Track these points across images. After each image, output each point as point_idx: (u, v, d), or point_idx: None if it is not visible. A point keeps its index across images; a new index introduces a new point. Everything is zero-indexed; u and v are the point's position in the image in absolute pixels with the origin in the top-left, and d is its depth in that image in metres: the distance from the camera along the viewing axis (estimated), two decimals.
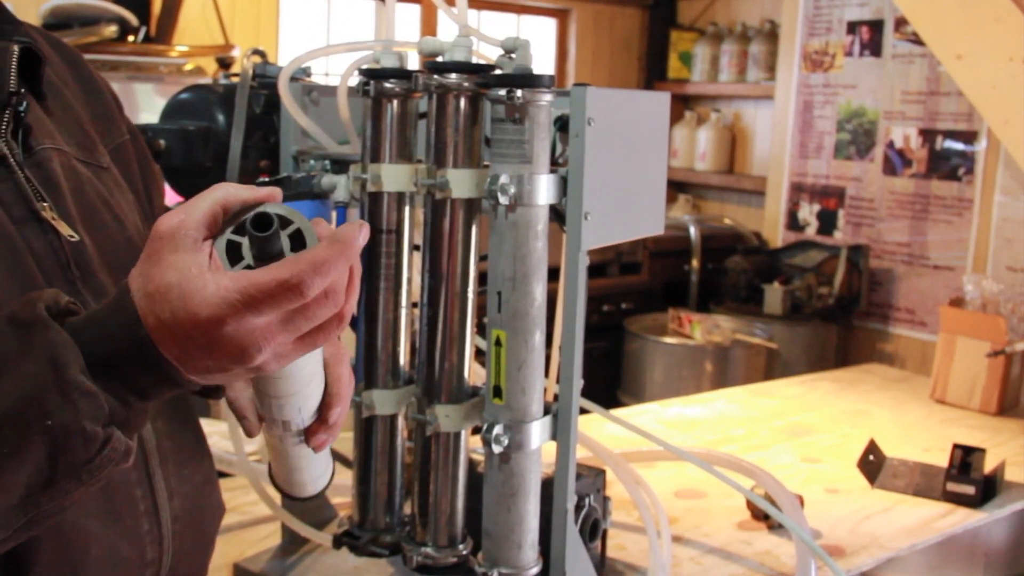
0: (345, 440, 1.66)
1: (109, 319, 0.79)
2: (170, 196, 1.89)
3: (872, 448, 2.19)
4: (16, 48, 1.01)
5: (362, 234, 0.81)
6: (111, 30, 3.52)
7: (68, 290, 0.93)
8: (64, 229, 0.97)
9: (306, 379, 0.97)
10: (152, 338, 0.77)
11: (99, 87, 1.20)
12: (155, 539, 1.01)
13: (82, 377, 0.76)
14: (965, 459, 2.07)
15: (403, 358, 1.45)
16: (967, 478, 2.02)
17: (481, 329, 1.36)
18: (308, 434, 1.04)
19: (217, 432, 2.64)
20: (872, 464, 2.15)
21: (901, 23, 3.98)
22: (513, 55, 1.27)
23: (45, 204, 0.97)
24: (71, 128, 1.09)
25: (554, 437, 1.34)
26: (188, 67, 3.71)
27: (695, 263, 4.38)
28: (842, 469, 2.18)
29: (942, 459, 2.13)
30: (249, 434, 1.07)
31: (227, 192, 0.82)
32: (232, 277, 0.76)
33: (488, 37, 1.30)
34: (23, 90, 1.01)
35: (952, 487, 2.02)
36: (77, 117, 1.12)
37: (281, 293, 0.76)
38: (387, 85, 1.35)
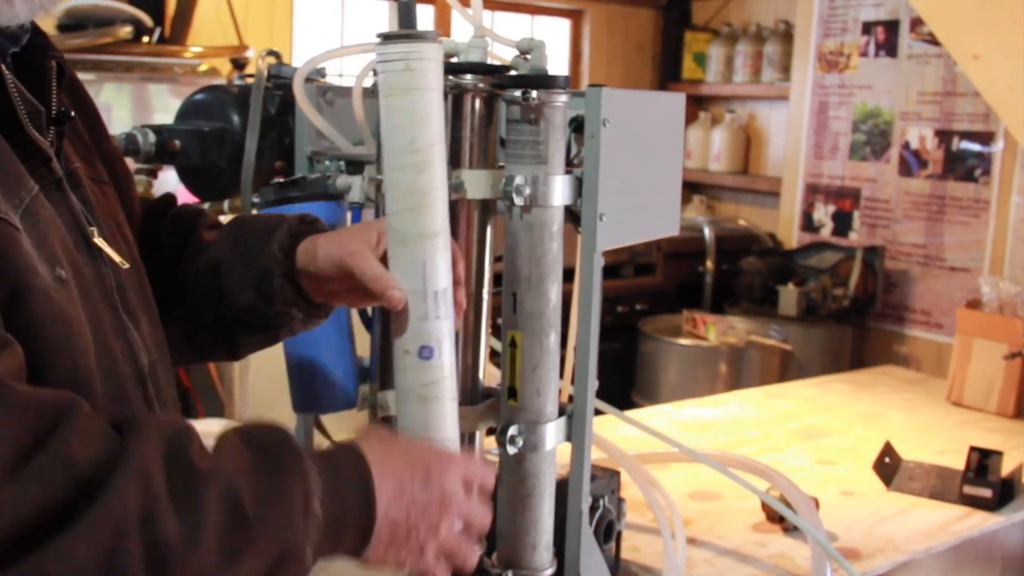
0: None
1: (346, 483, 0.93)
2: (184, 195, 1.89)
3: (888, 450, 2.18)
4: (55, 65, 1.02)
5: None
6: (126, 31, 3.53)
7: (117, 321, 0.98)
8: (115, 255, 1.00)
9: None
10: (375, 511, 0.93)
11: (84, 92, 1.18)
12: None
13: (319, 509, 0.88)
14: (982, 462, 2.06)
15: None
16: (984, 481, 2.01)
17: (496, 330, 1.35)
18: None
19: None
20: (888, 466, 2.14)
21: (917, 23, 3.96)
22: (528, 56, 1.27)
23: (93, 229, 0.99)
24: (76, 142, 1.09)
25: (569, 438, 1.34)
26: (202, 68, 3.72)
27: (709, 264, 4.37)
28: (857, 471, 2.17)
29: (958, 462, 2.11)
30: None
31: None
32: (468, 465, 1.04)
33: (503, 38, 1.30)
34: (63, 108, 1.01)
35: (969, 490, 2.01)
36: (78, 128, 1.11)
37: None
38: None
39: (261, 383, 1.89)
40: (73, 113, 1.04)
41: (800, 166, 4.50)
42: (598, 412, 1.43)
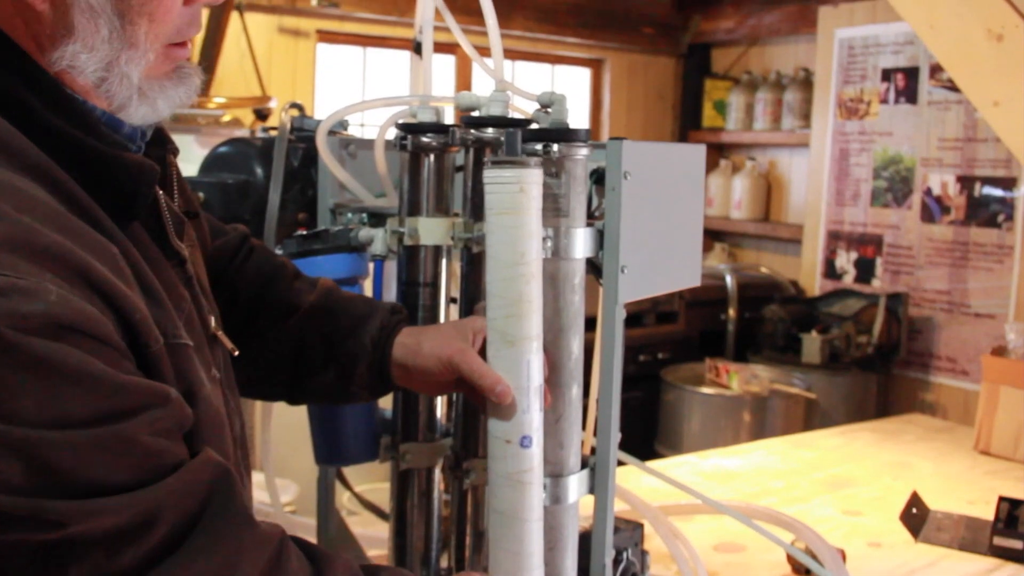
0: (381, 492, 1.65)
1: None
2: None
3: (915, 501, 2.15)
4: (174, 159, 1.06)
5: None
6: None
7: (226, 397, 1.04)
8: (227, 343, 1.06)
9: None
10: None
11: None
12: None
13: None
14: (1012, 512, 2.03)
15: (440, 411, 1.44)
16: (1015, 532, 1.98)
17: None
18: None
19: (253, 482, 2.64)
20: (915, 517, 2.11)
21: (936, 70, 3.97)
22: (549, 110, 1.27)
23: (212, 318, 1.04)
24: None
25: (592, 491, 1.33)
26: (226, 118, 3.76)
27: (732, 312, 4.35)
28: (884, 522, 2.14)
29: (988, 512, 2.08)
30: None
31: None
32: None
33: (524, 92, 1.31)
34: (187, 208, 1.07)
35: (999, 541, 1.98)
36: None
37: None
38: (424, 139, 1.36)
39: (283, 433, 1.89)
40: (198, 212, 1.12)
41: (822, 213, 4.50)
42: (621, 463, 1.42)
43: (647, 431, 3.93)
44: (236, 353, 1.08)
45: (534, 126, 1.28)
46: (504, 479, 1.18)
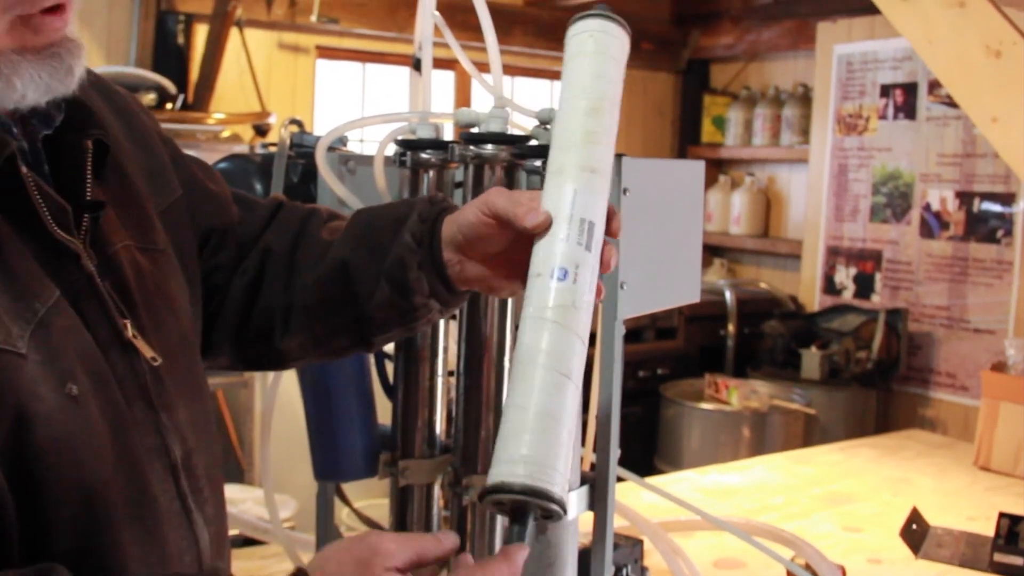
0: (380, 508, 1.65)
1: None
2: None
3: (915, 517, 2.14)
4: (91, 145, 0.96)
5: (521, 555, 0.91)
6: (150, 98, 3.60)
7: (148, 416, 0.94)
8: (146, 351, 0.95)
9: None
10: None
11: (151, 139, 1.12)
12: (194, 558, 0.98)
13: None
14: (1012, 528, 2.02)
15: (439, 427, 1.44)
16: (1015, 548, 1.97)
17: None
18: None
19: (252, 498, 2.64)
20: (915, 533, 2.11)
21: (935, 86, 3.98)
22: (548, 126, 1.27)
23: (127, 322, 0.94)
24: (130, 207, 1.03)
25: (591, 507, 1.33)
26: (225, 134, 3.77)
27: (731, 328, 4.36)
28: (884, 538, 2.14)
29: (988, 528, 2.08)
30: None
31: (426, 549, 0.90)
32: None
33: (523, 108, 1.31)
34: (99, 196, 0.96)
35: (1000, 557, 1.97)
36: (133, 189, 1.05)
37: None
38: (424, 156, 1.36)
39: (282, 449, 1.88)
40: (112, 203, 0.99)
41: (821, 229, 4.50)
42: (620, 479, 1.42)
43: (647, 447, 3.92)
44: (157, 363, 0.95)
45: (533, 142, 1.28)
46: (529, 321, 0.94)
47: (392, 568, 0.86)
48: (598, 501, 1.32)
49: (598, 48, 1.05)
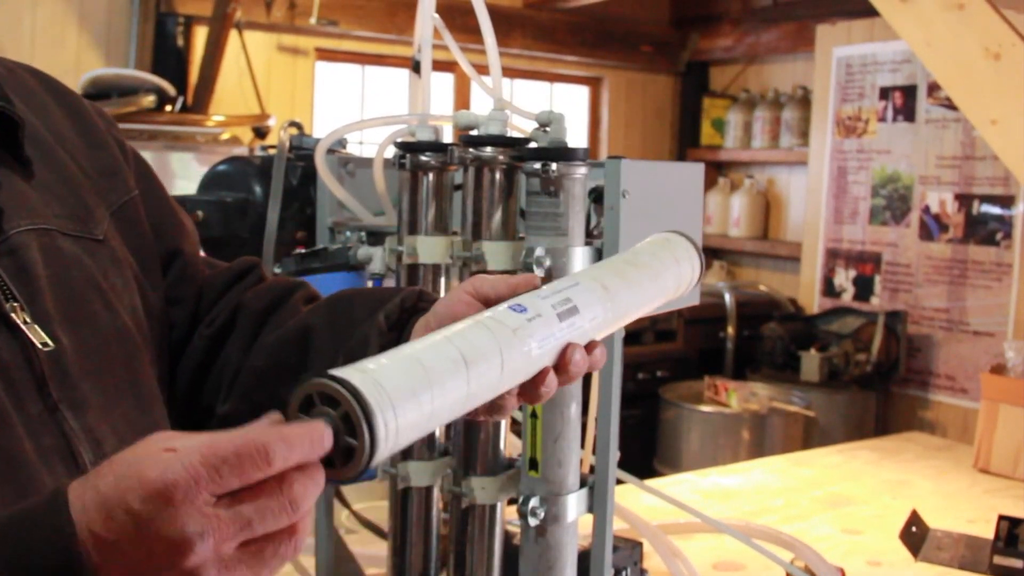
0: (380, 510, 1.65)
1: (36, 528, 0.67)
2: None
3: (915, 519, 2.14)
4: None
5: (324, 441, 0.68)
6: (149, 100, 3.60)
7: (43, 407, 0.85)
8: (37, 336, 0.86)
9: None
10: (79, 539, 0.65)
11: (102, 138, 1.07)
12: None
13: None
14: (1012, 531, 2.02)
15: (438, 430, 1.44)
16: (1015, 551, 1.97)
17: None
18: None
19: None
20: (915, 536, 2.11)
21: (934, 88, 3.98)
22: (547, 128, 1.28)
23: (16, 304, 0.86)
24: (61, 194, 0.97)
25: (591, 509, 1.33)
26: (224, 136, 3.77)
27: (730, 330, 4.36)
28: (884, 541, 2.14)
29: (987, 531, 2.08)
30: None
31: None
32: (192, 440, 0.66)
33: (523, 111, 1.31)
34: None
35: (1000, 560, 1.97)
36: (71, 178, 0.99)
37: (244, 454, 0.64)
38: (423, 158, 1.36)
39: None
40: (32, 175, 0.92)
41: (820, 231, 4.51)
42: (619, 481, 1.42)
43: (646, 449, 3.92)
44: (47, 348, 0.86)
45: (532, 145, 1.28)
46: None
47: (169, 448, 0.66)
48: (597, 503, 1.32)
49: (675, 257, 1.03)
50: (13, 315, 0.85)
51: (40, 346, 0.86)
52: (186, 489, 0.63)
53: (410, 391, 0.72)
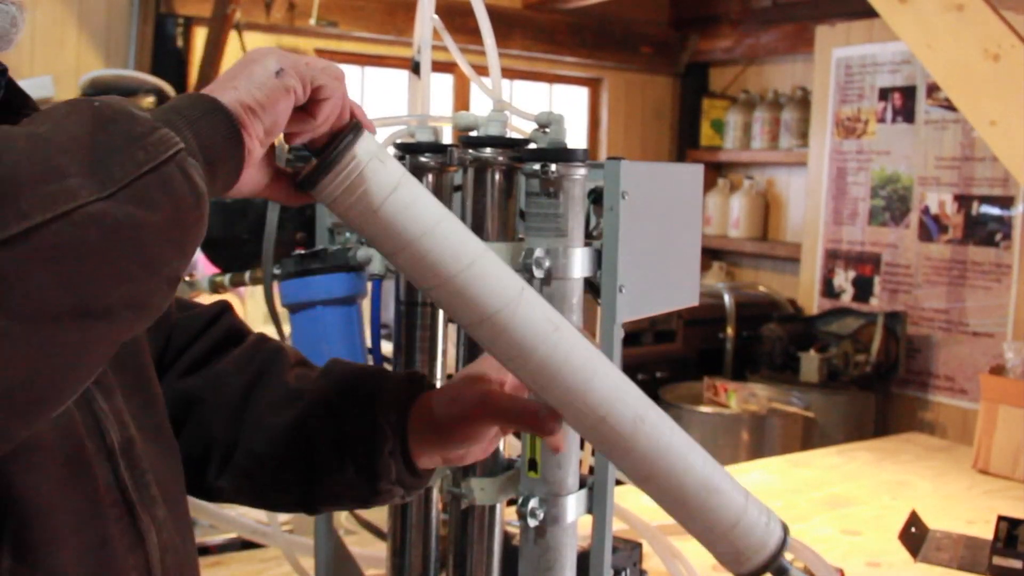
0: (379, 512, 1.65)
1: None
2: (207, 267, 1.90)
3: (914, 520, 2.14)
4: None
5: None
6: (149, 101, 3.59)
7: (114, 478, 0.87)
8: None
9: None
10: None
11: None
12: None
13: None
14: (1011, 532, 2.02)
15: None
16: (1014, 552, 1.97)
17: None
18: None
19: None
20: (914, 537, 2.11)
21: (933, 89, 3.99)
22: (547, 129, 1.28)
23: None
24: None
25: (590, 510, 1.33)
26: None
27: (730, 331, 4.36)
28: (883, 542, 2.14)
29: (987, 531, 2.08)
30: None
31: None
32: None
33: (522, 111, 1.31)
34: None
35: (999, 561, 1.98)
36: None
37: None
38: (422, 159, 1.36)
39: None
40: None
41: (819, 232, 4.51)
42: (619, 482, 1.42)
43: None
44: None
45: (532, 146, 1.28)
46: (499, 313, 0.91)
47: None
48: (597, 504, 1.32)
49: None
50: None
51: None
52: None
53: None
